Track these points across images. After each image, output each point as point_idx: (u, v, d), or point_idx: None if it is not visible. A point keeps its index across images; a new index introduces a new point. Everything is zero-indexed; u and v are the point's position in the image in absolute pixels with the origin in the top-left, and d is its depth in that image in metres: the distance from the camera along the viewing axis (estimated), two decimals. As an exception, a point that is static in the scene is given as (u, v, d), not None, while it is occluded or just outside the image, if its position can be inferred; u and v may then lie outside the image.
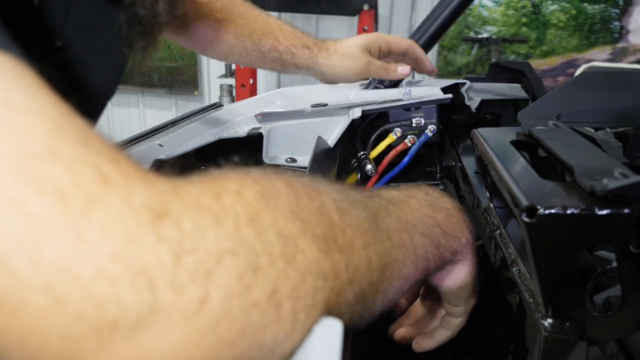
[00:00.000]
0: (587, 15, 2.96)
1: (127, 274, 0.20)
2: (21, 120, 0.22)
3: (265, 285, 0.24)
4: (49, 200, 0.20)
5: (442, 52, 3.06)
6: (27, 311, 0.20)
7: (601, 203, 0.38)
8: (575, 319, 0.41)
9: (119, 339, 0.21)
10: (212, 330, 0.22)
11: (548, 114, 0.63)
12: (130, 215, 0.21)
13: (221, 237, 0.23)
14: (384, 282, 0.33)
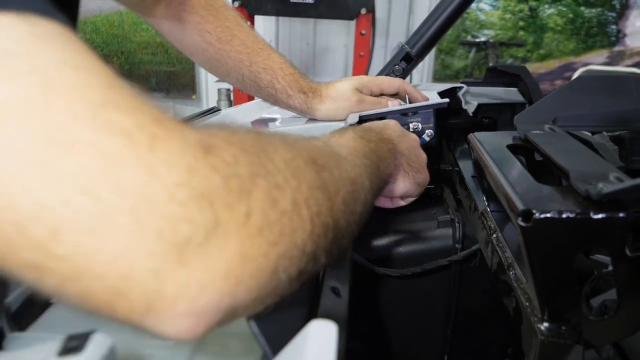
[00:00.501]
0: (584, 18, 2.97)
1: (192, 198, 0.25)
2: (81, 77, 0.25)
3: (287, 197, 0.30)
4: (120, 140, 0.24)
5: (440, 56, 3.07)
6: (115, 233, 0.23)
7: (596, 207, 0.38)
8: (571, 322, 0.42)
9: (194, 251, 0.25)
10: (259, 235, 0.28)
11: (544, 118, 0.63)
12: (187, 151, 0.26)
13: (250, 164, 0.29)
14: (355, 191, 0.41)
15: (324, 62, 2.99)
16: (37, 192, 0.23)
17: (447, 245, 0.71)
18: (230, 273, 0.26)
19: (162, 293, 0.24)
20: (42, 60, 0.24)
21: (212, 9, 0.83)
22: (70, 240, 0.23)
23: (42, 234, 0.23)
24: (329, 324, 0.29)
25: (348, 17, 2.27)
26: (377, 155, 0.51)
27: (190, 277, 0.25)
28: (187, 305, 0.25)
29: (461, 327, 0.76)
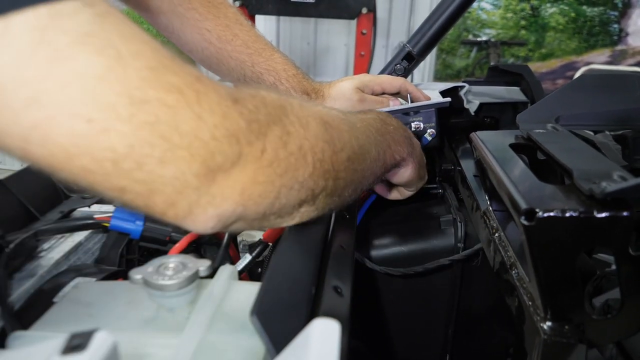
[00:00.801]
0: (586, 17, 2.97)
1: (225, 136, 0.35)
2: (136, 46, 0.32)
3: (295, 142, 0.40)
4: (177, 96, 0.33)
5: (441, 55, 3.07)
6: (177, 162, 0.33)
7: (600, 206, 0.38)
8: (574, 321, 0.41)
9: (223, 174, 0.36)
10: (269, 166, 0.38)
11: (547, 117, 0.63)
12: (222, 101, 0.35)
13: (268, 114, 0.39)
14: (363, 154, 0.50)
15: (325, 61, 2.99)
16: (127, 137, 0.31)
17: (449, 244, 0.71)
18: (245, 191, 0.37)
19: (199, 202, 0.35)
20: (110, 35, 0.31)
21: (211, 6, 0.82)
22: (147, 170, 0.33)
23: (128, 166, 0.32)
24: (332, 322, 0.29)
25: (349, 16, 2.27)
26: (392, 137, 0.59)
27: (217, 191, 0.36)
28: (213, 210, 0.36)
29: (463, 326, 0.76)
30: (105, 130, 0.31)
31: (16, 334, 0.44)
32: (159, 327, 0.45)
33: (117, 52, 0.31)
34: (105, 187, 0.34)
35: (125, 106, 0.31)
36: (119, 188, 0.34)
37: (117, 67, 0.31)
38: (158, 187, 0.34)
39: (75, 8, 0.30)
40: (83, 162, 0.32)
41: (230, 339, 0.43)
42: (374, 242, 0.72)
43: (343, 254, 0.54)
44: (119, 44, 0.31)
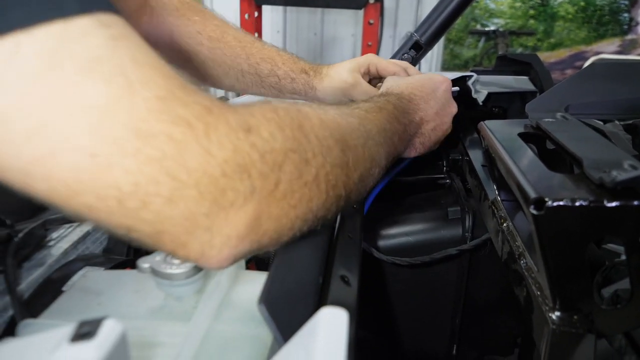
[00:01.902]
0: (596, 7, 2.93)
1: (236, 171, 0.32)
2: (147, 73, 0.31)
3: (311, 172, 0.37)
4: (185, 130, 0.30)
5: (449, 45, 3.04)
6: (185, 201, 0.31)
7: (610, 195, 0.38)
8: (583, 312, 0.41)
9: (236, 211, 0.33)
10: (283, 199, 0.35)
11: (556, 106, 0.62)
12: (232, 133, 0.32)
13: (285, 140, 0.36)
14: (373, 169, 0.48)
15: (332, 52, 2.97)
16: (133, 174, 0.29)
17: (456, 234, 0.71)
18: (260, 227, 0.35)
19: (212, 243, 0.33)
20: (120, 62, 0.30)
21: (198, 11, 0.81)
22: (154, 209, 0.30)
23: (134, 205, 0.30)
24: (340, 311, 0.29)
25: (356, 6, 2.26)
26: (400, 137, 0.58)
27: (231, 231, 0.33)
28: (228, 251, 0.34)
29: (471, 316, 0.75)
30: (110, 165, 0.29)
31: (26, 322, 0.44)
32: (166, 316, 0.45)
33: (126, 80, 0.29)
34: (110, 225, 0.32)
35: (131, 140, 0.29)
36: (125, 227, 0.32)
37: (125, 97, 0.29)
38: (166, 228, 0.32)
39: (89, 28, 0.29)
40: (86, 200, 0.30)
41: (237, 327, 0.43)
42: (382, 231, 0.72)
43: (350, 243, 0.53)
44: (129, 70, 0.30)
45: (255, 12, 2.34)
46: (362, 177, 0.45)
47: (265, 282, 0.38)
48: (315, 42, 2.95)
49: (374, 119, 0.52)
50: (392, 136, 0.55)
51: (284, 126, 0.36)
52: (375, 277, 0.72)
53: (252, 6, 2.30)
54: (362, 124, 0.48)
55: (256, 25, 2.37)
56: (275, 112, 0.37)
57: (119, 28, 0.31)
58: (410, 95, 0.65)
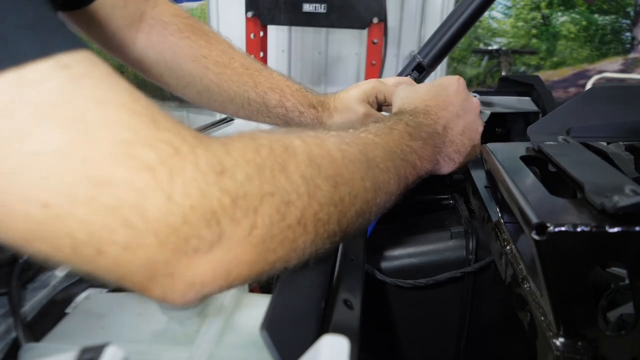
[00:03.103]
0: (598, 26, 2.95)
1: (202, 218, 0.30)
2: (109, 113, 0.29)
3: (295, 213, 0.35)
4: (146, 175, 0.29)
5: (452, 64, 3.06)
6: (143, 249, 0.30)
7: (612, 220, 0.38)
8: (587, 338, 0.41)
9: (200, 258, 0.31)
10: (260, 245, 0.33)
11: (558, 129, 0.62)
12: (200, 177, 0.31)
13: (263, 183, 0.33)
14: (376, 199, 0.45)
15: (336, 70, 3.00)
16: (87, 223, 0.28)
17: (460, 256, 0.71)
18: (230, 274, 0.33)
19: (174, 288, 0.32)
20: (79, 104, 0.28)
21: (202, 34, 0.78)
22: (110, 256, 0.30)
23: (90, 252, 0.29)
24: (341, 339, 0.29)
25: (360, 26, 2.28)
26: (418, 156, 0.54)
27: (195, 277, 0.32)
28: (194, 294, 0.33)
29: (475, 339, 0.75)
30: (61, 216, 0.28)
31: (29, 345, 0.45)
32: (169, 340, 0.45)
33: (84, 125, 0.28)
34: (73, 268, 0.31)
35: (85, 189, 0.28)
36: (85, 271, 0.31)
37: (82, 144, 0.28)
38: (125, 274, 0.31)
39: (46, 73, 0.28)
40: (42, 247, 0.30)
41: (239, 353, 0.43)
42: (385, 253, 0.72)
43: (353, 265, 0.53)
44: (90, 113, 0.29)
45: (261, 32, 2.37)
46: (362, 210, 0.43)
47: (267, 307, 0.38)
48: (320, 60, 2.98)
49: (383, 142, 0.49)
50: (406, 157, 0.52)
51: (264, 168, 0.34)
52: (379, 299, 0.72)
53: (258, 26, 2.33)
54: (364, 152, 0.45)
55: (262, 44, 2.40)
56: (256, 152, 0.35)
57: (82, 66, 0.30)
58: (425, 108, 0.61)
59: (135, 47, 0.76)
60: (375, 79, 0.83)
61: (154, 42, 0.76)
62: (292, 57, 2.98)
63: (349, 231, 0.42)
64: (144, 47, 0.76)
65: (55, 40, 0.29)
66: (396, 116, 0.58)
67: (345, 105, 0.80)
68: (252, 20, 2.31)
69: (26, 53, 0.28)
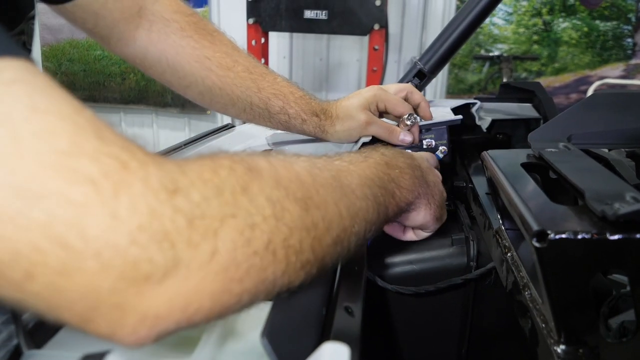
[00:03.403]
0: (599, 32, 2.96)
1: (153, 240, 0.27)
2: (47, 122, 0.26)
3: (262, 237, 0.31)
4: (86, 189, 0.25)
5: (453, 70, 3.07)
6: (82, 274, 0.26)
7: (613, 228, 0.38)
8: (589, 345, 0.41)
9: (153, 287, 0.27)
10: (223, 272, 0.29)
11: (559, 136, 0.62)
12: (150, 194, 0.27)
13: (222, 204, 0.30)
14: (354, 227, 0.42)
15: (338, 77, 3.00)
16: (11, 241, 0.25)
17: (461, 263, 0.70)
18: (189, 306, 0.29)
19: (123, 323, 0.28)
20: (9, 109, 0.25)
21: (206, 33, 0.77)
22: (42, 281, 0.26)
23: (17, 276, 0.25)
24: (342, 346, 0.29)
25: (361, 32, 2.29)
26: (397, 184, 0.52)
27: (148, 309, 0.28)
28: (146, 331, 0.28)
29: (477, 346, 0.75)
30: None
31: (30, 352, 0.45)
32: (170, 347, 0.45)
33: (13, 132, 0.25)
34: (1, 297, 0.27)
35: (10, 202, 0.24)
36: (15, 300, 0.27)
37: (9, 152, 0.25)
38: (62, 303, 0.27)
39: None
40: None
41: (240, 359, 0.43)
42: (386, 260, 0.72)
43: (354, 273, 0.53)
44: (21, 121, 0.25)
45: (262, 39, 2.38)
46: (339, 238, 0.39)
47: (268, 314, 0.38)
48: (321, 67, 2.98)
49: (358, 169, 0.47)
50: (384, 185, 0.49)
51: (223, 189, 0.31)
52: (380, 306, 0.72)
53: (259, 33, 2.34)
54: (337, 177, 0.42)
55: (263, 51, 2.40)
56: (215, 173, 0.31)
57: (17, 72, 0.27)
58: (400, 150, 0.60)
59: (136, 43, 0.75)
60: (377, 86, 0.83)
61: (154, 39, 0.74)
62: (294, 64, 2.99)
63: (327, 262, 0.38)
64: (145, 44, 0.75)
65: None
66: (372, 147, 0.56)
67: (346, 113, 0.80)
68: (253, 27, 2.32)
69: None
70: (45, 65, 3.07)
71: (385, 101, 0.80)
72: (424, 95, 0.88)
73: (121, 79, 3.06)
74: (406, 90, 0.83)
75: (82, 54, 3.06)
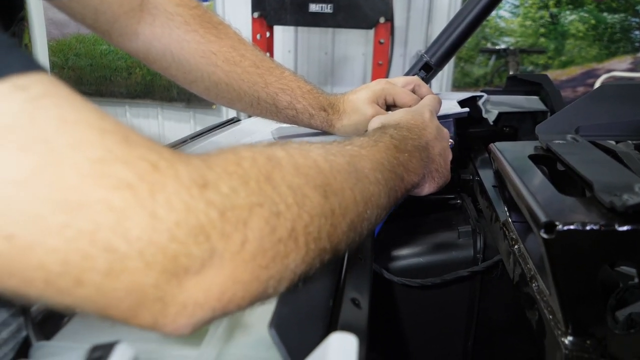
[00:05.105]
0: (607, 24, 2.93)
1: (190, 234, 0.28)
2: (78, 133, 0.27)
3: (285, 225, 0.33)
4: (124, 193, 0.26)
5: (459, 64, 3.05)
6: (128, 274, 0.27)
7: (621, 219, 0.38)
8: (596, 336, 0.41)
9: (191, 278, 0.29)
10: (252, 260, 0.31)
11: (566, 128, 0.62)
12: (183, 191, 0.28)
13: (249, 194, 0.31)
14: (367, 212, 0.43)
15: (343, 71, 3.00)
16: (61, 252, 0.26)
17: (468, 255, 0.70)
18: (224, 294, 0.30)
19: (166, 313, 0.29)
20: (42, 125, 0.26)
21: (211, 27, 0.75)
22: (91, 285, 0.27)
23: (67, 284, 0.27)
24: (350, 337, 0.30)
25: (366, 26, 2.28)
26: (405, 168, 0.53)
27: (188, 299, 0.29)
28: (186, 320, 0.30)
29: (482, 339, 0.75)
30: (31, 247, 0.25)
31: (40, 344, 0.45)
32: (177, 340, 0.45)
33: (49, 146, 0.26)
34: (48, 302, 0.28)
35: (55, 215, 0.25)
36: (62, 305, 0.28)
37: (48, 166, 0.25)
38: (110, 302, 0.28)
39: (1, 95, 0.26)
40: (11, 283, 0.27)
41: (248, 351, 0.43)
42: (392, 253, 0.72)
43: (361, 265, 0.54)
44: (54, 134, 0.26)
45: (267, 32, 2.37)
46: (353, 224, 0.40)
47: (275, 305, 0.38)
48: (326, 61, 2.98)
49: (369, 154, 0.47)
50: (394, 169, 0.50)
51: (249, 179, 0.32)
52: (386, 299, 0.72)
53: (264, 27, 2.34)
54: (351, 163, 0.43)
55: (268, 45, 2.40)
56: (238, 165, 0.33)
57: (41, 87, 0.27)
58: (407, 124, 0.60)
59: (139, 38, 0.74)
60: (385, 80, 0.83)
61: (158, 34, 0.73)
62: (299, 58, 2.98)
63: (340, 248, 0.39)
64: (149, 38, 0.74)
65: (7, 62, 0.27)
66: (380, 130, 0.56)
67: (353, 106, 0.80)
68: (258, 21, 2.32)
69: None
70: (52, 60, 3.09)
71: (394, 94, 0.80)
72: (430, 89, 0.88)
73: (127, 74, 3.07)
74: (414, 83, 0.83)
75: (88, 48, 3.07)
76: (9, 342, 0.47)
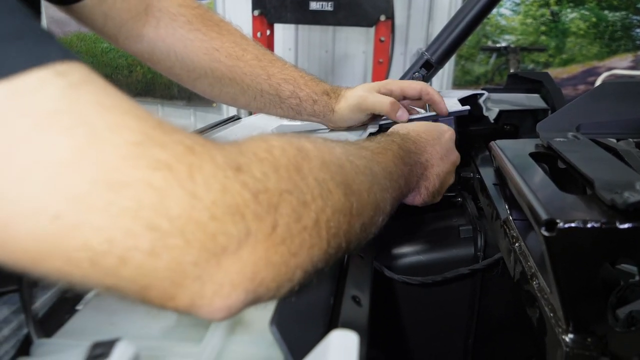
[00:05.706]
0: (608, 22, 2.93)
1: (227, 213, 0.29)
2: (116, 117, 0.28)
3: (311, 215, 0.33)
4: (164, 174, 0.27)
5: (460, 62, 3.05)
6: (170, 251, 0.28)
7: (622, 217, 0.38)
8: (597, 334, 0.41)
9: (228, 257, 0.29)
10: (282, 244, 0.32)
11: (567, 126, 0.62)
12: (220, 172, 0.30)
13: (280, 180, 0.32)
14: (376, 216, 0.44)
15: (343, 69, 3.00)
16: (106, 230, 0.26)
17: (468, 253, 0.70)
18: (257, 275, 0.31)
19: (203, 293, 0.30)
20: (83, 110, 0.27)
21: (213, 25, 0.77)
22: (134, 264, 0.27)
23: (112, 263, 0.27)
24: (351, 334, 0.30)
25: (367, 24, 2.27)
26: (405, 180, 0.55)
27: (224, 278, 0.30)
28: (221, 302, 0.30)
29: (483, 336, 0.75)
30: (76, 226, 0.26)
31: (40, 341, 0.45)
32: (179, 337, 0.45)
33: (91, 129, 0.27)
34: (89, 286, 0.29)
35: (100, 194, 0.26)
36: (105, 287, 0.29)
37: (91, 147, 0.26)
38: (151, 282, 0.29)
39: (42, 81, 0.26)
40: (55, 265, 0.27)
41: (249, 348, 0.43)
42: (393, 251, 0.72)
43: (362, 263, 0.54)
44: (94, 118, 0.27)
45: (268, 31, 2.37)
46: (365, 226, 0.42)
47: (276, 302, 0.38)
48: (327, 59, 2.97)
49: (381, 161, 0.49)
50: (398, 179, 0.52)
51: (279, 167, 0.33)
52: (387, 296, 0.72)
53: (265, 24, 2.34)
54: (368, 166, 0.44)
55: (268, 43, 2.40)
56: (269, 152, 0.34)
57: (79, 74, 0.28)
58: (416, 137, 0.61)
59: (144, 40, 0.75)
60: (392, 80, 0.83)
61: (162, 35, 0.75)
62: (299, 56, 2.98)
63: (351, 247, 0.40)
64: (153, 40, 0.75)
65: (48, 50, 0.28)
66: (388, 137, 0.57)
67: (353, 92, 0.80)
68: (258, 19, 2.32)
69: (19, 63, 0.26)
70: (52, 58, 3.09)
71: (401, 86, 0.81)
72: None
73: (128, 72, 3.07)
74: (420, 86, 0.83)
75: (89, 46, 3.07)
76: (10, 340, 0.47)
